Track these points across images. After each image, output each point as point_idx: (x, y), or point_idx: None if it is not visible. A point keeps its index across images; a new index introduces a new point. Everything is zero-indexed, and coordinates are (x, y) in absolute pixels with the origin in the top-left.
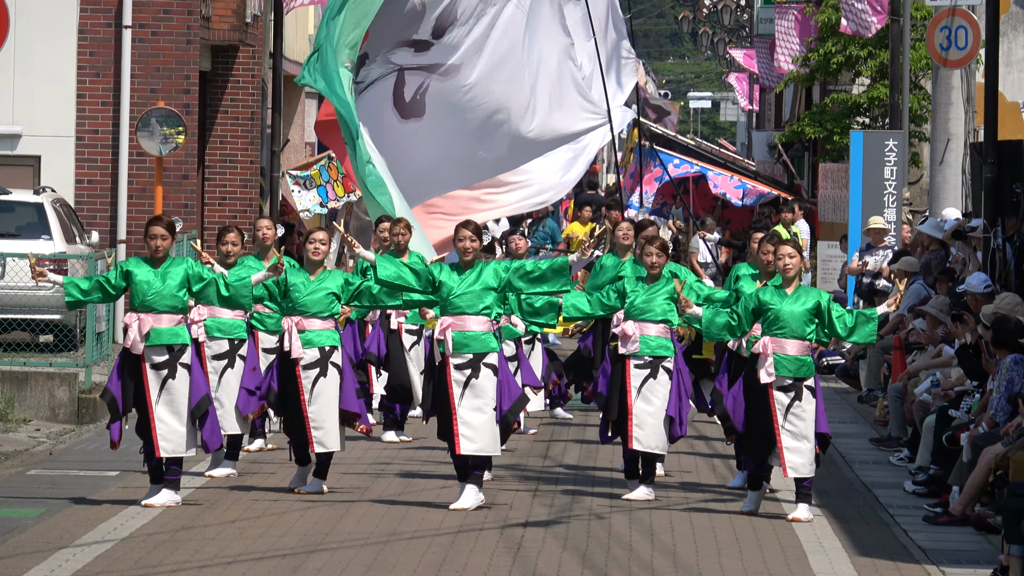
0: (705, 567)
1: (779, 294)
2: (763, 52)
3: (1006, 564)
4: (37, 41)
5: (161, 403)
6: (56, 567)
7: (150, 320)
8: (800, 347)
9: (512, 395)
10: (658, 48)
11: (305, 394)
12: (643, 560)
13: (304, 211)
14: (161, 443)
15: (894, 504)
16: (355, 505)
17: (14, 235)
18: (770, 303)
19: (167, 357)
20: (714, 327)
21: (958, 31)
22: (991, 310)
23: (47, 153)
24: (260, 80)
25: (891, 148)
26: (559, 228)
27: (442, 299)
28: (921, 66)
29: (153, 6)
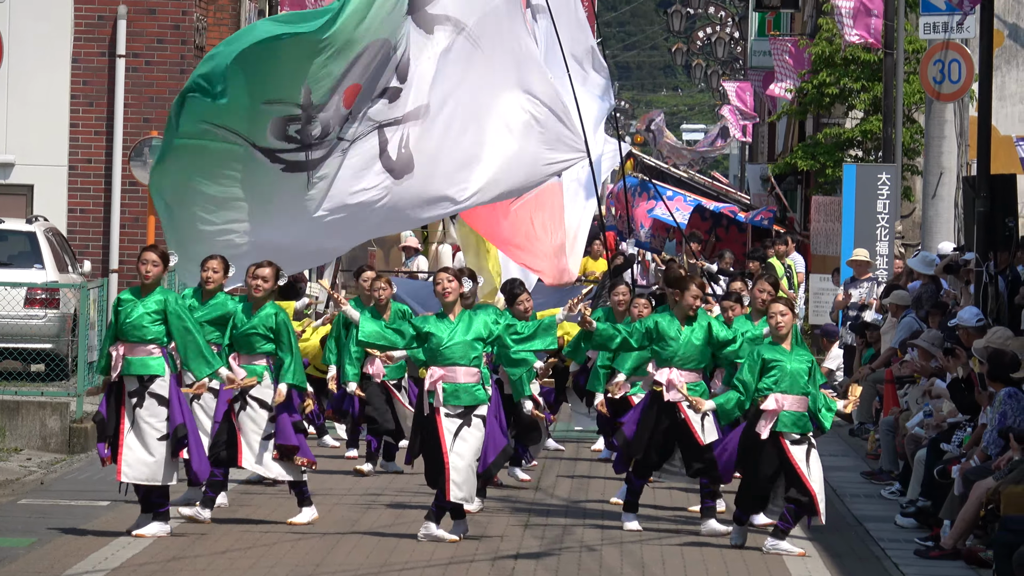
0: None
1: (780, 350)
2: (756, 85)
3: None
4: (30, 69)
5: (131, 431)
6: None
7: (122, 349)
8: (802, 402)
9: (497, 446)
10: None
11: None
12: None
13: None
14: (123, 467)
15: (885, 538)
16: (345, 536)
17: (6, 264)
18: (775, 360)
19: (137, 386)
20: (730, 416)
21: (951, 65)
22: (983, 344)
23: (40, 182)
24: None
25: (884, 181)
26: None
27: (430, 350)
28: (914, 100)
29: (147, 36)
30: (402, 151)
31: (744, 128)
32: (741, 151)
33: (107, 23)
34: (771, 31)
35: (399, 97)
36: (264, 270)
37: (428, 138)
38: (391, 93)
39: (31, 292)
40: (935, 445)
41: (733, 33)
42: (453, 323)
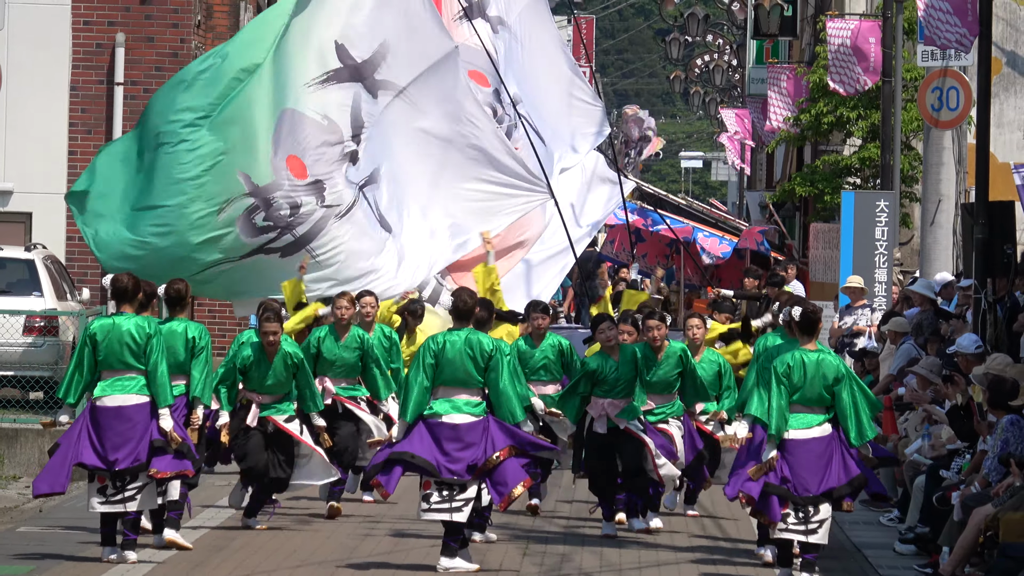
0: None
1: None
2: (754, 112)
3: None
4: (29, 97)
5: None
6: None
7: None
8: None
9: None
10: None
11: None
12: None
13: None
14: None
15: (884, 565)
16: (345, 563)
17: (5, 292)
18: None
19: None
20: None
21: (950, 92)
22: (982, 371)
23: (38, 210)
24: None
25: (882, 208)
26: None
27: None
28: (912, 127)
29: (145, 63)
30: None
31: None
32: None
33: (105, 51)
34: (769, 59)
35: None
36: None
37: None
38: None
39: (30, 320)
40: (934, 472)
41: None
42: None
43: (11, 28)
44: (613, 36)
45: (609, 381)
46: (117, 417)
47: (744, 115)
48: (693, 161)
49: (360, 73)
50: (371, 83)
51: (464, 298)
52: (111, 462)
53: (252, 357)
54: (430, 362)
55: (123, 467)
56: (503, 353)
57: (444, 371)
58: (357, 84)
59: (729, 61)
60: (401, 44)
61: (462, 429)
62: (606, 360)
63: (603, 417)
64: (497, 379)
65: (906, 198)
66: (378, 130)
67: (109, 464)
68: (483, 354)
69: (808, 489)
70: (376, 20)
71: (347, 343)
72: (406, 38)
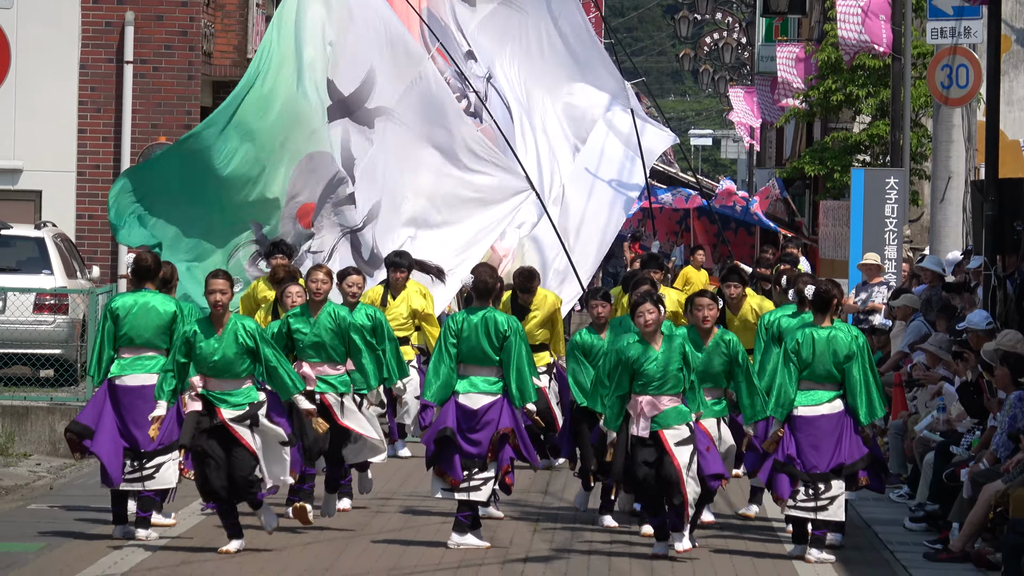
0: None
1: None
2: (763, 90)
3: None
4: (39, 76)
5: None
6: None
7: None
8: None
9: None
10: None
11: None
12: None
13: None
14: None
15: (894, 541)
16: (355, 541)
17: (15, 270)
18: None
19: None
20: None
21: (959, 70)
22: (993, 347)
23: (48, 188)
24: None
25: (892, 186)
26: None
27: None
28: (921, 104)
29: (154, 42)
30: (375, 252)
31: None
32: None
33: (115, 29)
34: (778, 36)
35: (354, 201)
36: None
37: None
38: (350, 198)
39: (40, 298)
40: (944, 448)
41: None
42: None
43: (21, 7)
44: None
45: (649, 373)
46: (140, 397)
47: (751, 93)
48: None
49: (348, 107)
50: (364, 114)
51: (484, 278)
52: (135, 441)
53: (197, 330)
54: (452, 341)
55: (149, 448)
56: (517, 333)
57: (462, 349)
58: (344, 119)
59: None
60: (384, 66)
61: (480, 409)
62: (646, 348)
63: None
64: (510, 359)
65: (916, 175)
66: (381, 157)
67: (133, 443)
68: (499, 333)
69: (816, 466)
70: (359, 50)
71: (321, 320)
72: (389, 58)
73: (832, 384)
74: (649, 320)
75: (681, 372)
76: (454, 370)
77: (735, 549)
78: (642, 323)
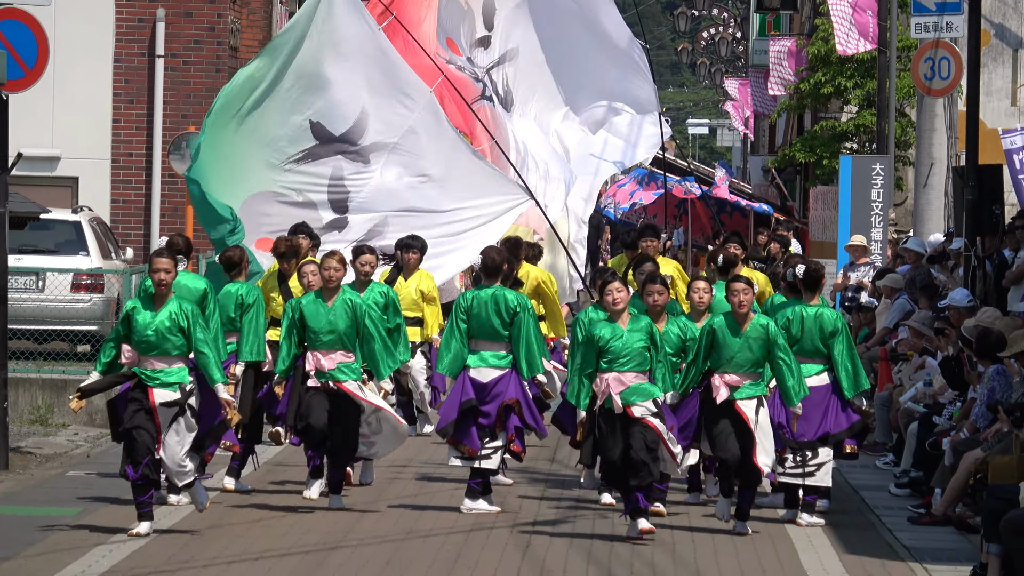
0: (703, 564)
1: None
2: (757, 82)
3: (985, 562)
4: (75, 70)
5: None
6: (93, 563)
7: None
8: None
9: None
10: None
11: None
12: (645, 557)
13: None
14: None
15: (880, 505)
16: (373, 506)
17: (54, 251)
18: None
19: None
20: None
21: (941, 62)
22: (973, 323)
23: (84, 174)
24: None
25: (878, 172)
26: None
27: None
28: (906, 95)
29: (184, 37)
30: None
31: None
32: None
33: (147, 25)
34: (771, 31)
35: (346, 225)
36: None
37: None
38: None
39: (77, 277)
40: (927, 419)
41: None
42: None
43: (58, 4)
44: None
45: (615, 350)
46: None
47: (746, 85)
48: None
49: (341, 145)
50: (359, 151)
51: (492, 256)
52: None
53: (137, 305)
54: (462, 318)
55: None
56: (526, 309)
57: (472, 324)
58: (337, 157)
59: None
60: (379, 100)
61: (490, 382)
62: (612, 326)
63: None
64: (519, 334)
65: (900, 162)
66: (380, 192)
67: None
68: (508, 310)
69: (804, 434)
70: (352, 90)
71: (336, 307)
72: (384, 92)
73: (819, 358)
74: (618, 299)
75: (648, 351)
76: (465, 345)
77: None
78: (610, 301)
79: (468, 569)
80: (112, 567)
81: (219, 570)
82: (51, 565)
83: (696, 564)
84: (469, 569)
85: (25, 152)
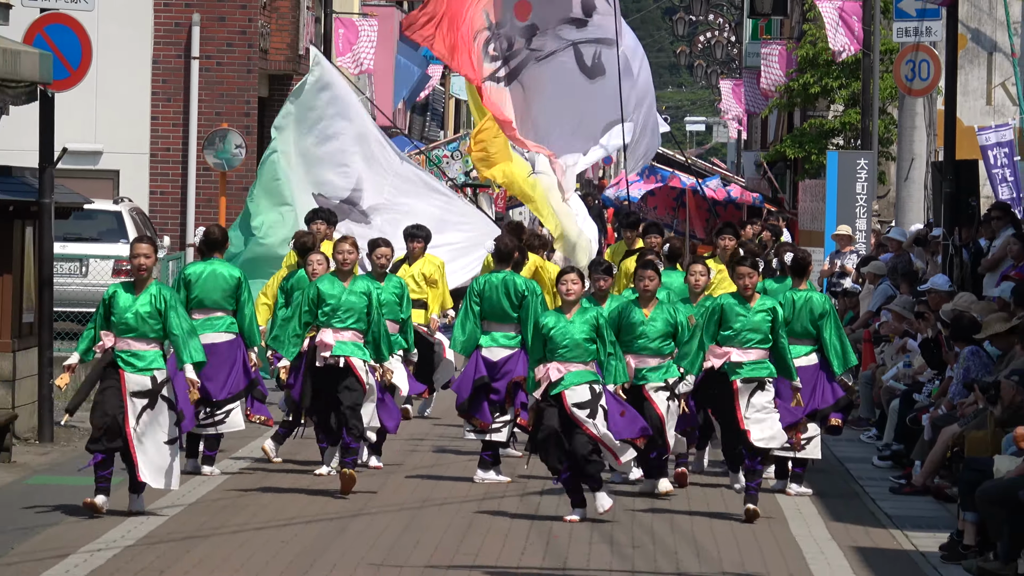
0: (699, 532)
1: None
2: (750, 82)
3: (962, 529)
4: (116, 70)
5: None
6: (132, 528)
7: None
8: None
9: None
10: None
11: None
12: (645, 525)
13: None
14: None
15: (864, 476)
16: (392, 476)
17: (96, 239)
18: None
19: None
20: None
21: (921, 64)
22: (950, 307)
23: (125, 168)
24: None
25: (862, 166)
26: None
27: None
28: (888, 95)
29: (218, 40)
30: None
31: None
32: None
33: (183, 29)
34: (763, 35)
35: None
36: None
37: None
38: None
39: (118, 263)
40: (908, 396)
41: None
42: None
43: (101, 9)
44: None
45: (555, 340)
46: (212, 352)
47: (739, 85)
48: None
49: (346, 207)
50: (360, 213)
51: (505, 242)
52: (207, 391)
53: (118, 290)
54: (475, 300)
55: (220, 397)
56: (534, 293)
57: (484, 307)
58: (344, 220)
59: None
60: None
61: (500, 360)
62: (558, 316)
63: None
64: (527, 316)
65: (883, 157)
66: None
67: (205, 393)
68: (517, 293)
69: (794, 412)
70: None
71: (352, 288)
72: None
73: (808, 340)
74: (571, 290)
75: (592, 344)
76: (478, 326)
77: (724, 484)
78: (563, 291)
79: (480, 535)
80: (150, 532)
81: (248, 536)
82: (92, 531)
83: (692, 532)
84: (481, 535)
85: (70, 147)
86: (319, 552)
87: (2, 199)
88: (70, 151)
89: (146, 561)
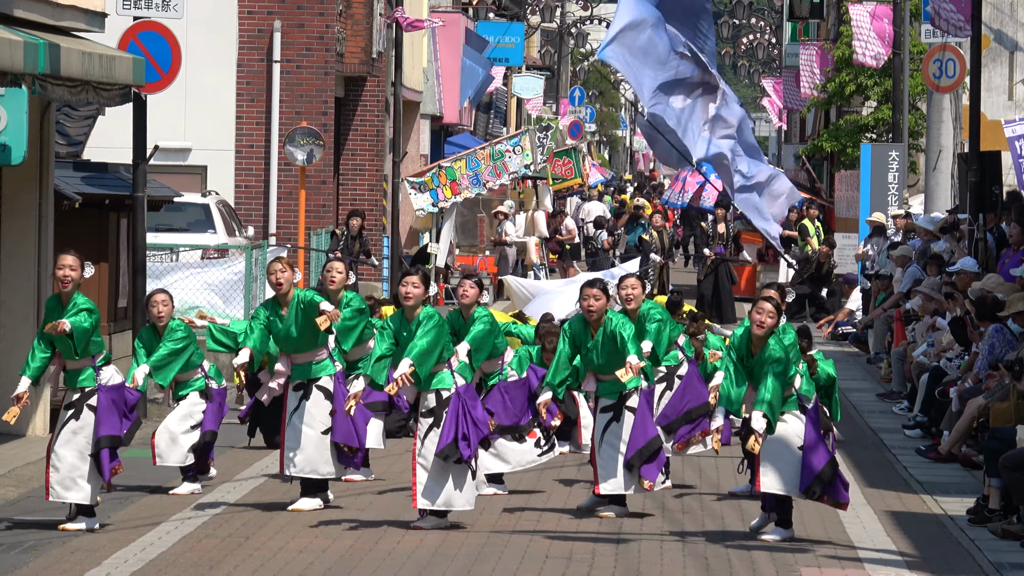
0: (727, 509)
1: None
2: (790, 81)
3: (987, 494)
4: (204, 73)
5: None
6: (223, 495)
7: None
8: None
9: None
10: None
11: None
12: (656, 498)
13: (419, 210)
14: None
15: (895, 445)
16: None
17: (185, 229)
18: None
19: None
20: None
21: (948, 63)
22: (979, 286)
23: (212, 163)
24: (384, 104)
25: (893, 158)
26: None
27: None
28: (918, 91)
29: (297, 45)
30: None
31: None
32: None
33: (265, 35)
34: (801, 37)
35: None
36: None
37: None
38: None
39: (206, 252)
40: (936, 371)
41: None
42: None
43: (190, 17)
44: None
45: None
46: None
47: (779, 84)
48: None
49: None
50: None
51: None
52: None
53: (50, 307)
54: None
55: None
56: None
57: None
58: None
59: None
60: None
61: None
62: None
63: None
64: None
65: (913, 149)
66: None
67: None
68: None
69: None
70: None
71: (288, 315)
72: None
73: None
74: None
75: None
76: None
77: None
78: (586, 307)
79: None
80: (238, 499)
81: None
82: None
83: (720, 512)
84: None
85: (161, 144)
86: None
87: (99, 193)
88: (161, 148)
89: (232, 528)
